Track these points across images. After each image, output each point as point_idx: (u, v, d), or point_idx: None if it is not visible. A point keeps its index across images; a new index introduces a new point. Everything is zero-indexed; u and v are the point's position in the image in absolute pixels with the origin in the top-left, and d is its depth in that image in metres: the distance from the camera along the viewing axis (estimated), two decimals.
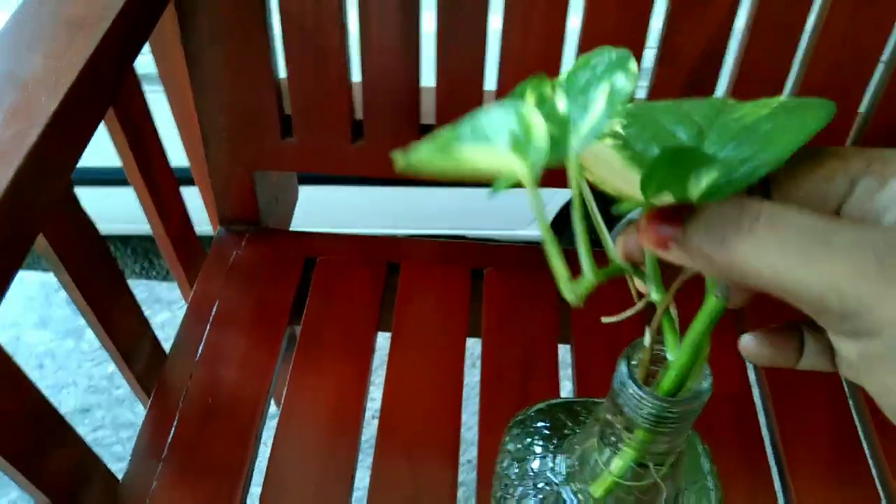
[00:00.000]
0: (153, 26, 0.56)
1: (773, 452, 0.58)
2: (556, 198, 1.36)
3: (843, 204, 0.26)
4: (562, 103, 0.29)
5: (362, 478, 0.54)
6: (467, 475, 0.60)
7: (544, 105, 0.28)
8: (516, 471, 0.38)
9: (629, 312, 0.29)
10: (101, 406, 1.22)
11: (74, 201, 0.51)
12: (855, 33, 0.55)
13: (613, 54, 0.27)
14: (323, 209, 1.36)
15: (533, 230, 1.41)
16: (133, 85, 0.58)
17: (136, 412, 1.21)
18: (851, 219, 0.26)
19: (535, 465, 0.37)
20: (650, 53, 0.60)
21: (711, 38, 0.57)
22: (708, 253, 0.23)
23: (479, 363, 0.63)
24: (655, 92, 0.60)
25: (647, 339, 0.30)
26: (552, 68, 0.60)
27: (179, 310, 1.37)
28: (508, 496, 0.38)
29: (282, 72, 0.63)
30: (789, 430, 0.59)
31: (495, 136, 0.23)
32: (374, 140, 0.65)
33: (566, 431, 0.38)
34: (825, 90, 0.58)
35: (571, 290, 0.27)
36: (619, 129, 0.28)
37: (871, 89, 0.60)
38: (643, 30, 0.57)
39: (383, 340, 0.65)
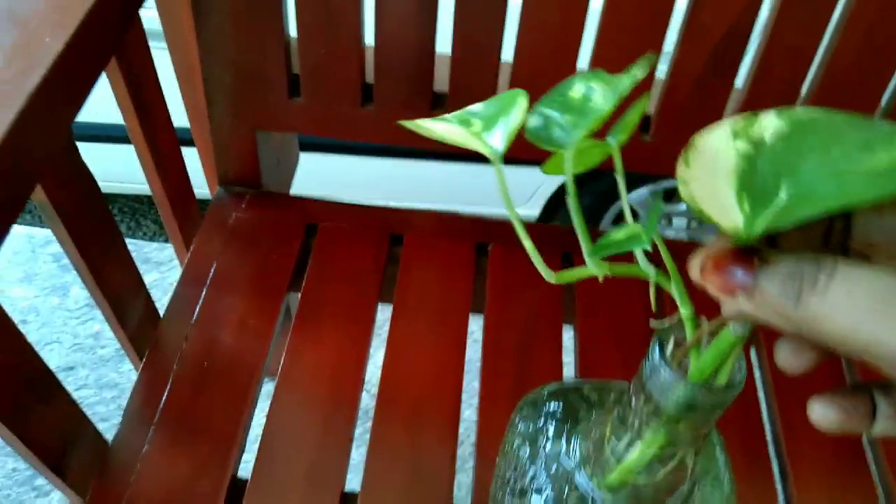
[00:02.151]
0: None
1: (775, 446, 0.58)
2: (554, 177, 1.35)
3: None
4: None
5: (359, 448, 0.53)
6: (465, 450, 0.59)
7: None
8: (527, 452, 0.37)
9: (689, 341, 0.27)
10: (85, 365, 1.20)
11: (75, 153, 0.49)
12: (886, 15, 0.53)
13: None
14: (322, 178, 1.34)
15: (530, 209, 1.40)
16: (138, 34, 0.56)
17: (121, 372, 1.19)
18: None
19: (548, 447, 0.36)
20: (672, 36, 0.58)
21: (738, 15, 0.55)
22: (782, 309, 0.23)
23: (480, 339, 0.62)
24: (677, 70, 0.59)
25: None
26: (572, 40, 0.58)
27: (168, 271, 1.34)
28: (518, 477, 0.36)
29: (292, 30, 0.61)
30: (791, 424, 0.58)
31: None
32: (383, 106, 0.63)
33: (580, 415, 0.37)
34: (851, 74, 0.57)
35: (549, 272, 0.28)
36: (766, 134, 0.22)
37: None
38: (669, 2, 0.55)
39: (383, 312, 0.64)
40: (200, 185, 0.76)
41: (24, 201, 0.42)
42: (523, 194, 1.38)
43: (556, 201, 1.39)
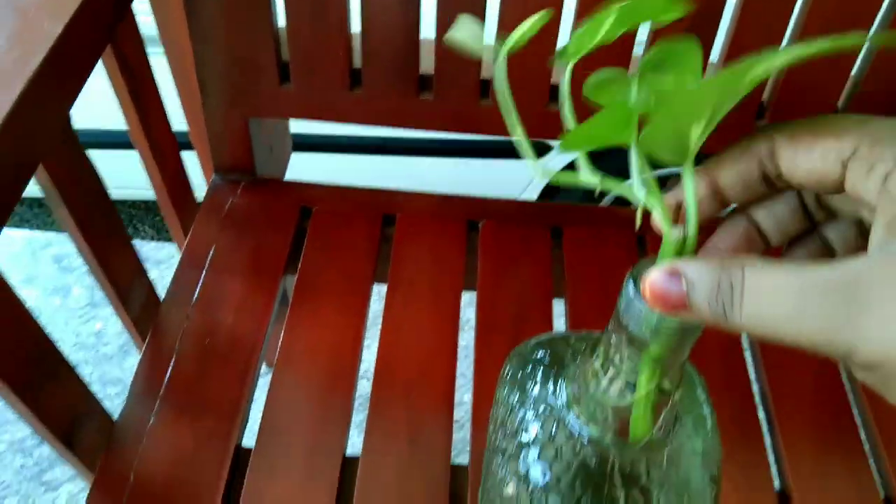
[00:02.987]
0: None
1: (763, 403, 0.60)
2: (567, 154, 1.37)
3: (844, 184, 0.26)
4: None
5: (359, 417, 0.55)
6: (461, 417, 0.61)
7: None
8: (517, 397, 0.39)
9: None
10: (88, 362, 1.21)
11: (74, 138, 0.51)
12: None
13: None
14: (315, 176, 1.36)
15: (527, 195, 1.42)
16: (131, 27, 0.58)
17: (124, 368, 1.21)
18: (856, 202, 0.27)
19: (536, 390, 0.38)
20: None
21: None
22: (718, 322, 0.25)
23: (473, 315, 0.63)
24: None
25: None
26: (551, 22, 0.60)
27: (167, 269, 1.36)
28: (510, 421, 0.38)
29: (281, 19, 0.63)
30: (777, 383, 0.60)
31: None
32: (371, 89, 0.65)
33: (566, 361, 0.39)
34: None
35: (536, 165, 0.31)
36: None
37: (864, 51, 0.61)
38: None
39: (378, 291, 0.66)
40: (199, 187, 0.78)
41: (26, 182, 0.44)
42: (520, 183, 1.41)
43: (551, 190, 1.42)
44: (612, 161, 0.49)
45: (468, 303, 0.65)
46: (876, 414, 0.58)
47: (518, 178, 1.40)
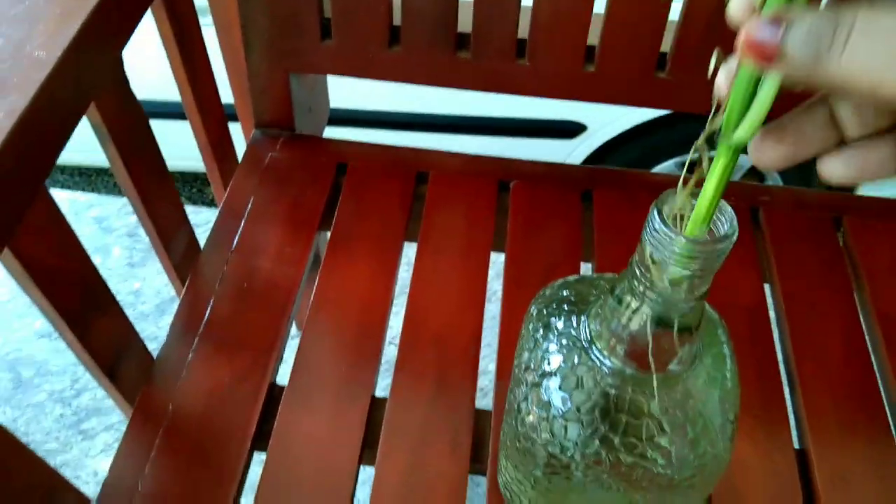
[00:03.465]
0: None
1: (785, 365, 0.60)
2: (598, 134, 1.37)
3: None
4: None
5: (389, 365, 0.57)
6: (486, 369, 0.62)
7: None
8: (541, 332, 0.40)
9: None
10: None
11: (124, 80, 0.53)
12: None
13: None
14: None
15: None
16: None
17: (160, 326, 1.24)
18: None
19: (560, 325, 0.40)
20: None
21: None
22: (810, 69, 0.24)
23: (501, 273, 0.65)
24: (691, 8, 0.61)
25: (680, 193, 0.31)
26: None
27: (204, 232, 1.40)
28: (533, 354, 0.40)
29: None
30: (801, 346, 0.61)
31: None
32: (409, 47, 0.66)
33: (590, 299, 0.40)
34: None
35: None
36: None
37: None
38: None
39: (409, 249, 0.67)
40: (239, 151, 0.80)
41: (79, 116, 0.47)
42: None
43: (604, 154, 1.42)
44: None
45: (496, 274, 0.66)
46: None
47: (555, 155, 1.40)
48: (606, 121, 1.35)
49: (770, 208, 0.69)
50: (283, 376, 0.57)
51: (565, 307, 0.40)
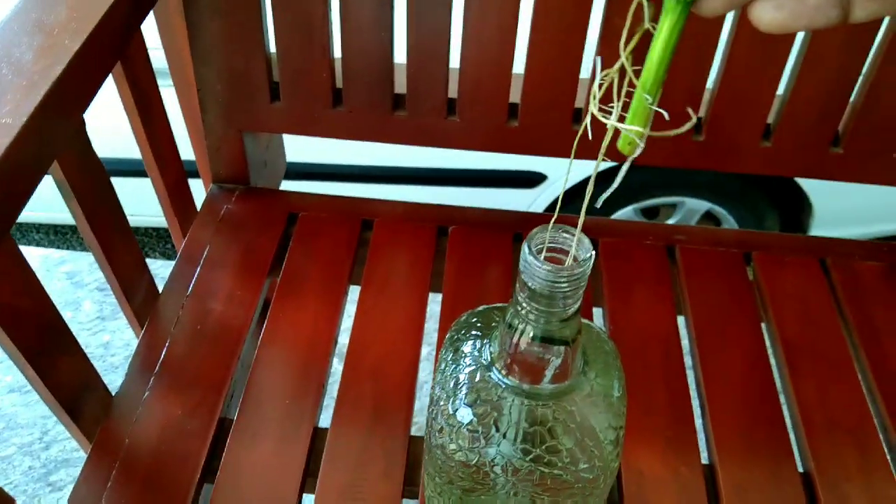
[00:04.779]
0: None
1: (696, 389, 0.66)
2: (558, 183, 1.44)
3: None
4: None
5: (330, 395, 0.61)
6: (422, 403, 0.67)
7: None
8: (451, 355, 0.46)
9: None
10: None
11: (86, 139, 0.59)
12: None
13: None
14: None
15: None
16: (140, 46, 0.66)
17: None
18: None
19: (467, 349, 0.45)
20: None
21: None
22: None
23: (438, 312, 0.70)
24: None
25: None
26: (508, 47, 0.67)
27: (160, 281, 1.44)
28: (442, 374, 0.45)
29: (272, 44, 0.71)
30: (711, 371, 0.66)
31: None
32: (351, 106, 0.73)
33: (493, 324, 0.46)
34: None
35: None
36: None
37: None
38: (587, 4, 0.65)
39: (354, 293, 0.72)
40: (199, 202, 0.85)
41: (43, 173, 0.52)
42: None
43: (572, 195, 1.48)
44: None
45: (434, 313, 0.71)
46: (799, 399, 0.64)
47: (516, 204, 1.47)
48: (566, 170, 1.41)
49: (685, 246, 0.76)
50: (235, 410, 0.61)
51: (473, 333, 0.46)
